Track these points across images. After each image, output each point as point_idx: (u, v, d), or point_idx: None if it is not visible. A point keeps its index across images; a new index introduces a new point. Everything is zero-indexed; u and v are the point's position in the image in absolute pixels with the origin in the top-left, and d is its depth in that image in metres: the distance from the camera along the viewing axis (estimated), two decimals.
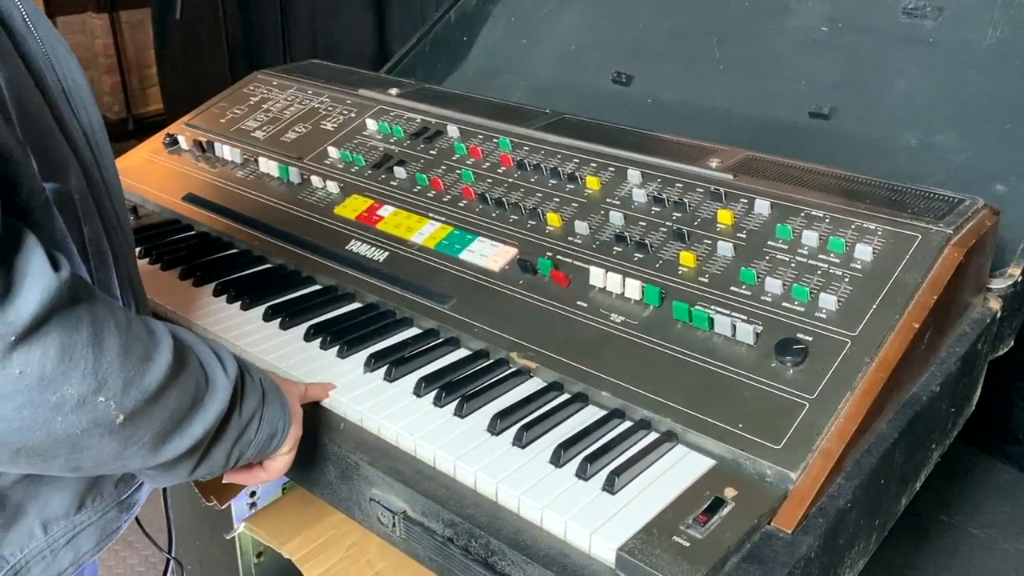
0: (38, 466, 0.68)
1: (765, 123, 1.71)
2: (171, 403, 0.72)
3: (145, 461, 0.73)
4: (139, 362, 0.68)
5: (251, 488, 1.55)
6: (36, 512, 0.80)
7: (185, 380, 0.74)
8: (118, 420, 0.67)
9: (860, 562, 1.02)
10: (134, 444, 0.70)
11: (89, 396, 0.64)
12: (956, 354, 1.14)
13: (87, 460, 0.69)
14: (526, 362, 1.09)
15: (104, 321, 0.66)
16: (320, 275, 1.33)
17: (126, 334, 0.68)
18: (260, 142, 1.64)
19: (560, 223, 1.27)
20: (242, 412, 0.82)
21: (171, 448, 0.74)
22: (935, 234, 1.08)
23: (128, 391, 0.67)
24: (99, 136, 0.84)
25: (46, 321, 0.61)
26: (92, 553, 0.86)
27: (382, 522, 0.97)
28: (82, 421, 0.65)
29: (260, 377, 0.87)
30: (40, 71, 0.76)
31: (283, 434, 0.89)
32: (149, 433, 0.71)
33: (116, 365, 0.66)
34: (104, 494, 0.86)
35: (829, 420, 0.92)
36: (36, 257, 0.61)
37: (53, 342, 0.61)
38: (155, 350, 0.71)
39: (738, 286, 1.09)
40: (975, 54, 1.56)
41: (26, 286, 0.60)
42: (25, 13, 0.75)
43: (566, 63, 2.02)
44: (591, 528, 0.84)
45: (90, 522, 0.85)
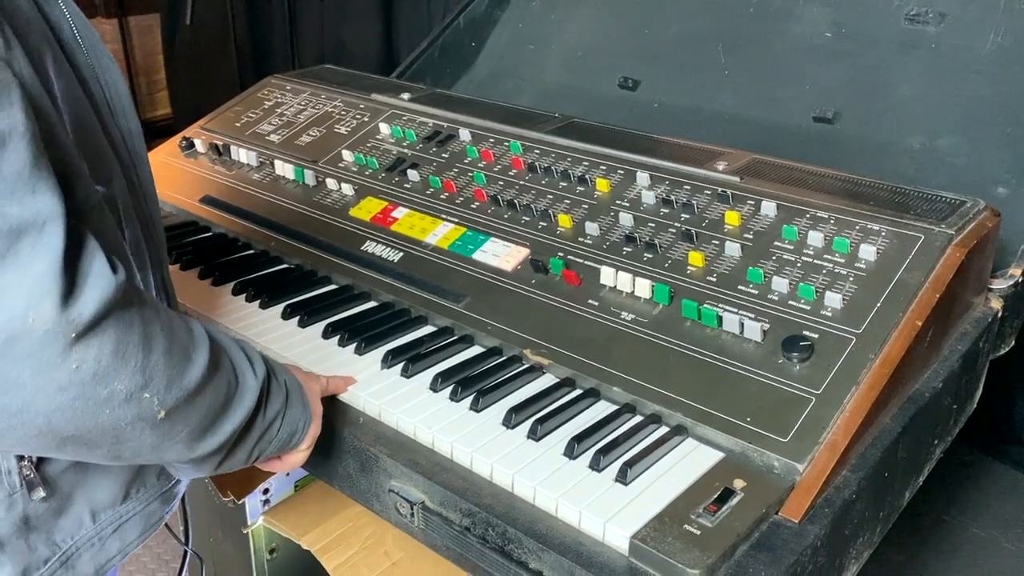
0: (82, 453, 0.71)
1: (770, 127, 1.74)
2: (206, 401, 0.75)
3: (179, 455, 0.77)
4: (181, 361, 0.72)
5: (264, 485, 1.57)
6: (85, 501, 0.83)
7: (218, 380, 0.77)
8: (159, 415, 0.70)
9: (865, 553, 1.05)
10: (171, 439, 0.74)
11: (136, 392, 0.68)
12: (958, 352, 1.17)
13: (127, 450, 0.72)
14: (539, 359, 1.12)
15: (152, 322, 0.69)
16: (336, 275, 1.36)
17: (170, 335, 0.71)
18: (275, 145, 1.68)
19: (571, 224, 1.30)
20: (266, 413, 0.85)
21: (204, 444, 0.78)
22: (937, 235, 1.11)
23: (171, 388, 0.71)
24: (137, 142, 0.88)
25: (104, 320, 0.64)
26: (137, 542, 0.89)
27: (400, 513, 1.00)
28: (128, 415, 0.68)
29: (285, 378, 0.90)
30: (86, 80, 0.79)
31: (302, 433, 0.92)
32: (186, 429, 0.75)
33: (162, 364, 0.69)
34: (147, 486, 0.89)
35: (835, 414, 0.95)
36: (97, 259, 0.65)
37: (109, 340, 0.65)
38: (194, 350, 0.74)
39: (745, 285, 1.12)
40: (977, 59, 1.59)
41: (88, 286, 0.63)
42: (74, 25, 0.78)
43: (573, 68, 2.05)
44: (605, 517, 0.87)
45: (135, 512, 0.88)
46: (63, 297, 0.61)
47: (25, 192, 0.61)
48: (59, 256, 0.62)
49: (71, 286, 0.62)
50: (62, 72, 0.73)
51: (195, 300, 1.32)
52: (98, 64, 0.81)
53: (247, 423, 0.83)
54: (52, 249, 0.61)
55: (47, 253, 0.61)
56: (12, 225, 0.60)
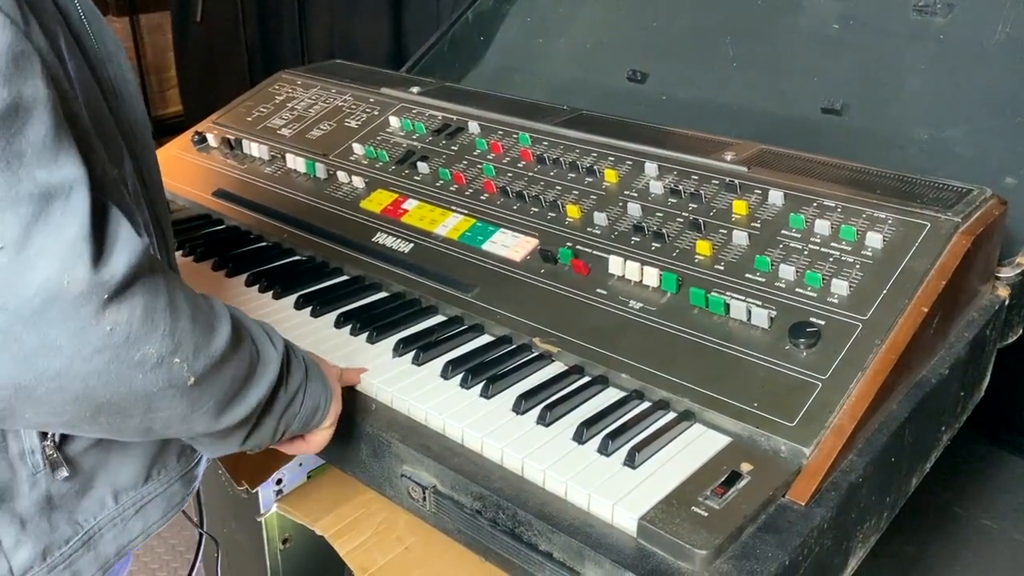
0: (115, 424, 0.72)
1: (778, 119, 1.75)
2: (231, 371, 0.77)
3: (208, 426, 0.78)
4: (206, 330, 0.74)
5: (277, 475, 1.59)
6: (107, 481, 0.85)
7: (242, 351, 0.79)
8: (189, 382, 0.72)
9: (872, 537, 1.06)
10: (200, 408, 0.75)
11: (167, 356, 0.69)
12: (965, 339, 1.18)
13: (158, 421, 0.73)
14: (548, 347, 1.14)
15: (176, 290, 0.71)
16: (347, 266, 1.38)
17: (193, 304, 0.73)
18: (287, 139, 1.70)
19: (579, 214, 1.31)
20: (288, 386, 0.87)
21: (231, 415, 0.79)
22: (944, 222, 1.12)
23: (199, 355, 0.72)
24: (143, 131, 0.89)
25: (133, 283, 0.66)
26: (159, 524, 0.91)
27: (412, 497, 1.01)
28: (159, 380, 0.70)
29: (303, 354, 0.92)
30: (94, 66, 0.80)
31: (325, 408, 0.94)
32: (213, 399, 0.76)
33: (188, 330, 0.71)
34: (168, 467, 0.91)
35: (841, 399, 0.96)
36: (124, 225, 0.67)
37: (139, 303, 0.67)
38: (217, 321, 0.76)
39: (753, 273, 1.13)
40: (985, 50, 1.59)
41: (117, 250, 0.65)
42: (81, 11, 0.79)
43: (582, 62, 2.06)
44: (614, 499, 0.88)
45: (156, 493, 0.90)
46: (94, 259, 0.63)
47: (51, 158, 0.62)
48: (87, 220, 0.63)
49: (100, 249, 0.64)
50: (72, 54, 0.74)
51: (209, 290, 1.30)
52: (105, 51, 0.82)
53: (271, 395, 0.84)
54: (81, 213, 0.63)
55: (76, 217, 0.63)
56: (42, 190, 0.61)
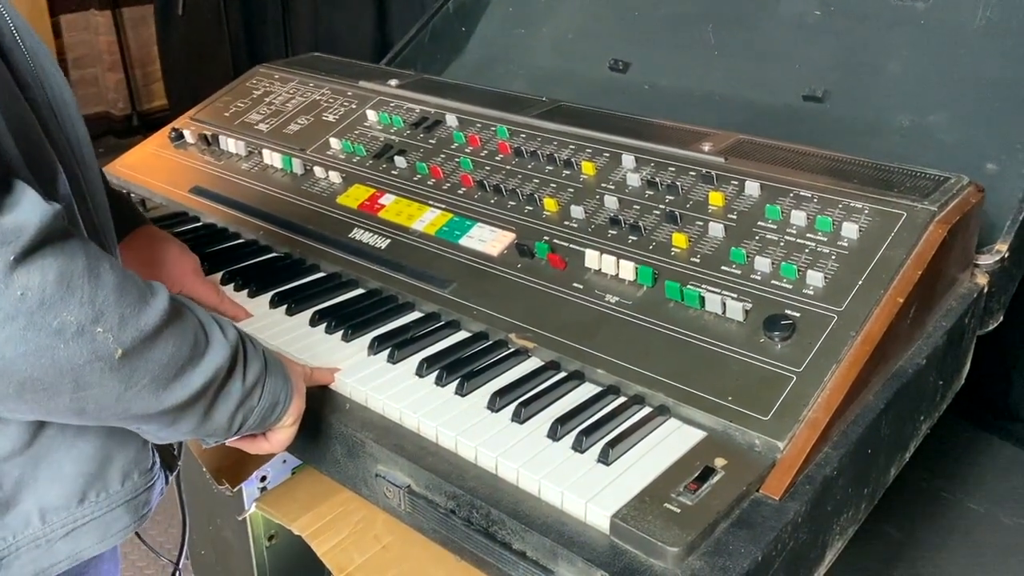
0: (43, 403, 0.69)
1: (761, 107, 1.74)
2: (169, 348, 0.75)
3: (147, 406, 0.75)
4: (135, 302, 0.71)
5: (261, 472, 1.59)
6: (34, 499, 0.81)
7: (183, 330, 0.76)
8: (117, 354, 0.70)
9: (850, 529, 1.06)
10: (135, 385, 0.73)
11: (87, 325, 0.67)
12: (943, 328, 1.17)
13: (90, 400, 0.71)
14: (524, 342, 1.13)
15: (100, 260, 0.69)
16: (324, 263, 1.37)
17: (122, 276, 0.71)
18: (264, 134, 1.68)
19: (557, 208, 1.30)
20: (246, 378, 0.85)
21: (171, 396, 0.76)
22: (920, 211, 1.11)
23: (124, 326, 0.70)
24: (84, 149, 0.87)
25: (43, 245, 0.65)
26: (92, 550, 0.86)
27: (388, 497, 1.01)
28: (83, 351, 0.68)
29: (263, 349, 0.90)
30: (27, 85, 0.78)
31: (285, 404, 0.92)
32: (148, 376, 0.73)
33: (112, 299, 0.69)
34: (110, 491, 0.86)
35: (816, 392, 0.96)
36: (29, 192, 0.65)
37: (51, 266, 0.65)
38: (151, 296, 0.74)
39: (728, 265, 1.12)
40: (966, 35, 1.58)
41: (22, 207, 0.64)
42: (14, 27, 0.77)
43: (564, 51, 2.04)
44: (587, 497, 0.88)
45: (92, 517, 0.85)
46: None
47: None
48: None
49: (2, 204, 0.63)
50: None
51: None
52: (41, 70, 0.80)
53: (222, 382, 0.82)
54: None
55: None
56: None
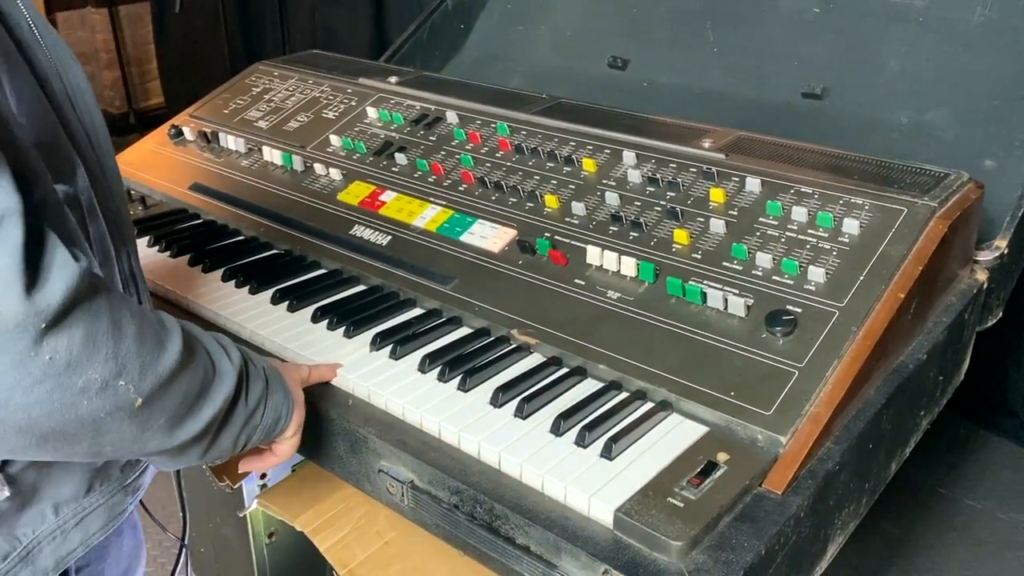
0: (63, 451, 0.71)
1: (760, 104, 1.74)
2: (183, 387, 0.76)
3: (161, 444, 0.77)
4: (153, 348, 0.72)
5: None
6: (49, 495, 0.83)
7: (194, 366, 0.78)
8: (137, 403, 0.71)
9: (851, 523, 1.06)
10: (151, 428, 0.74)
11: (111, 380, 0.68)
12: (943, 324, 1.18)
13: (107, 444, 0.73)
14: (526, 338, 1.13)
15: (121, 309, 0.70)
16: (325, 260, 1.37)
17: (141, 322, 0.72)
18: (263, 131, 1.68)
19: (558, 204, 1.30)
20: (248, 399, 0.86)
21: (184, 431, 0.78)
22: (920, 208, 1.12)
23: (145, 375, 0.71)
24: (101, 137, 0.87)
25: (72, 309, 0.65)
26: (100, 534, 0.89)
27: (391, 492, 1.01)
28: (105, 404, 0.69)
29: (263, 365, 0.91)
30: (46, 78, 0.79)
31: (287, 419, 0.93)
32: (164, 416, 0.75)
33: (134, 350, 0.70)
34: (111, 478, 0.89)
35: (818, 387, 0.96)
36: (59, 251, 0.66)
37: (78, 329, 0.66)
38: (167, 338, 0.75)
39: (730, 261, 1.12)
40: (964, 32, 1.59)
41: (52, 277, 0.64)
42: (32, 22, 0.78)
43: (563, 49, 2.05)
44: (590, 492, 0.88)
45: (98, 504, 0.88)
46: (27, 288, 0.62)
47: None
48: (19, 249, 0.62)
49: (34, 277, 0.63)
50: (17, 70, 0.73)
51: (185, 287, 1.32)
52: (59, 61, 0.81)
53: (228, 409, 0.83)
54: (12, 242, 0.62)
55: (7, 245, 0.62)
56: None
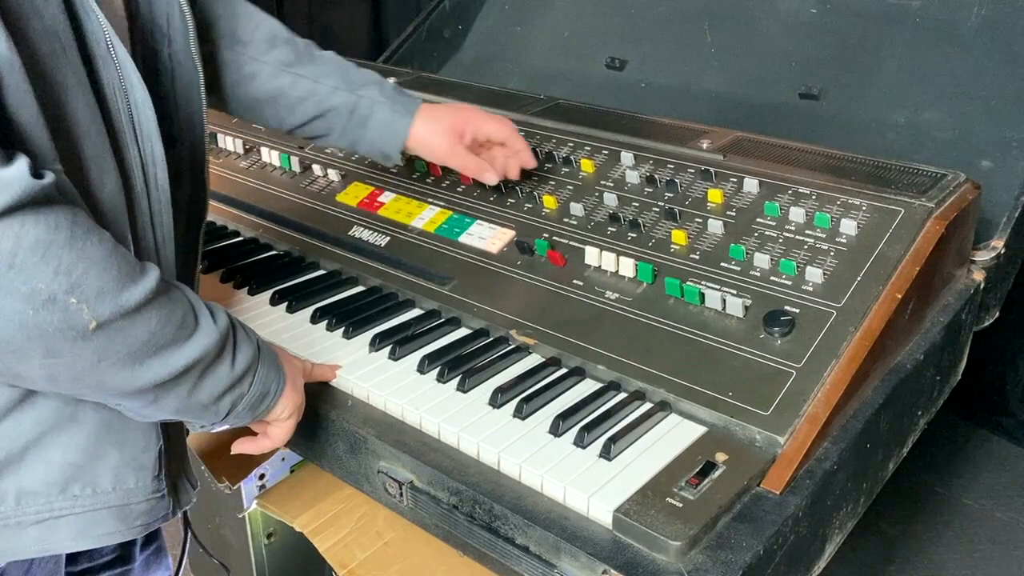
0: (14, 367, 0.70)
1: (757, 105, 1.75)
2: (151, 326, 0.75)
3: (124, 381, 0.75)
4: (119, 278, 0.72)
5: (260, 470, 1.59)
6: (13, 479, 0.80)
7: (169, 310, 0.77)
8: (91, 326, 0.70)
9: (849, 523, 1.06)
10: (109, 357, 0.73)
11: (60, 295, 0.68)
12: (940, 323, 1.18)
13: (62, 368, 0.72)
14: (525, 339, 1.13)
15: (89, 234, 0.70)
16: (324, 260, 1.37)
17: (110, 252, 0.72)
18: (261, 132, 1.68)
19: (556, 205, 1.30)
20: (235, 363, 0.85)
21: (149, 372, 0.76)
22: (917, 208, 1.12)
23: (102, 299, 0.71)
24: (159, 170, 0.86)
25: (20, 209, 0.65)
26: (65, 546, 0.84)
27: (390, 493, 1.01)
28: (53, 319, 0.68)
29: (258, 339, 0.90)
30: (108, 95, 0.80)
31: (275, 396, 0.92)
32: (125, 349, 0.73)
33: (93, 273, 0.70)
34: (97, 489, 0.84)
35: (815, 387, 0.96)
36: (23, 163, 0.67)
37: (28, 232, 0.66)
38: (140, 275, 0.75)
39: (728, 262, 1.13)
40: (961, 33, 1.59)
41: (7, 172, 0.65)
42: (110, 43, 0.79)
43: (560, 49, 2.05)
44: (589, 492, 0.88)
45: (70, 512, 0.83)
46: None
47: None
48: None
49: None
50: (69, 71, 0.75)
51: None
52: (128, 82, 0.81)
53: (209, 365, 0.82)
54: None
55: None
56: None
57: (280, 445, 1.00)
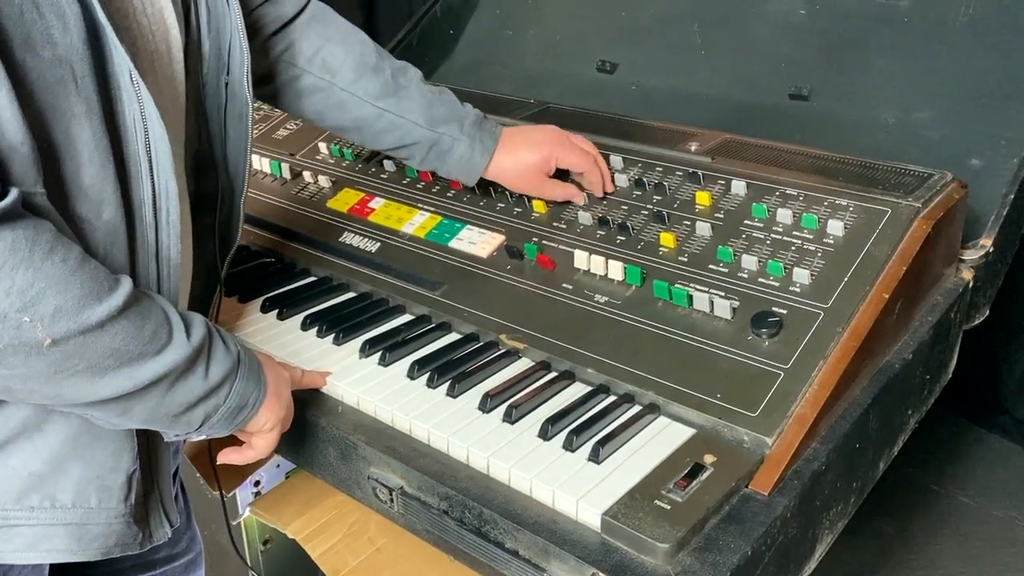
0: None
1: (747, 106, 1.75)
2: (115, 342, 0.75)
3: (83, 392, 0.75)
4: (81, 296, 0.72)
5: (255, 477, 1.59)
6: None
7: (139, 325, 0.77)
8: (45, 343, 0.70)
9: (840, 523, 1.07)
10: (66, 371, 0.73)
11: (11, 313, 0.68)
12: (928, 323, 1.18)
13: (16, 380, 0.72)
14: (515, 343, 1.14)
15: (52, 253, 0.70)
16: (315, 267, 1.38)
17: (75, 270, 0.72)
18: (252, 139, 1.68)
19: (545, 209, 1.31)
20: (209, 375, 0.84)
21: (110, 384, 0.76)
22: (904, 208, 1.13)
23: (59, 318, 0.71)
24: (171, 204, 0.85)
25: None
26: (15, 557, 0.82)
27: (380, 499, 1.01)
28: (4, 335, 0.69)
29: (239, 352, 0.89)
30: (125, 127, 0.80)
31: (254, 407, 0.91)
32: (84, 364, 0.73)
33: (51, 292, 0.70)
34: (56, 504, 0.83)
35: (803, 388, 0.97)
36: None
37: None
38: (108, 293, 0.74)
39: (716, 264, 1.13)
40: (949, 33, 1.60)
41: None
42: (133, 77, 0.79)
43: (552, 53, 2.05)
44: (577, 495, 0.88)
45: (25, 523, 0.82)
46: None
47: None
48: None
49: None
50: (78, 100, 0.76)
51: None
52: (148, 118, 0.81)
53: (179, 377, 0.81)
54: None
55: None
56: None
57: (264, 455, 1.00)
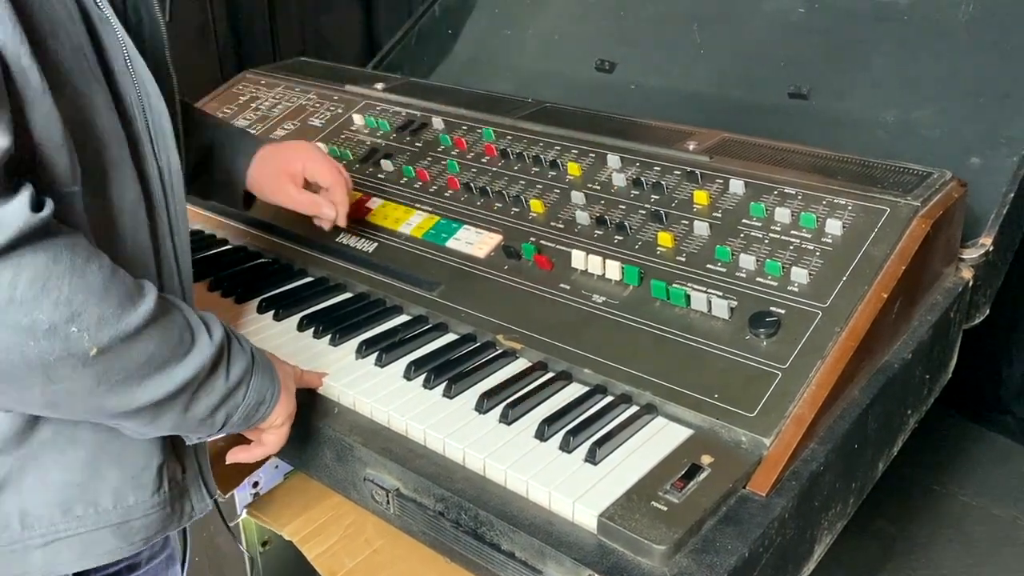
0: (13, 395, 0.71)
1: (746, 105, 1.74)
2: (150, 348, 0.76)
3: (122, 403, 0.76)
4: (119, 304, 0.73)
5: (254, 478, 1.59)
6: (16, 500, 0.80)
7: (167, 330, 0.78)
8: (91, 352, 0.71)
9: (839, 523, 1.06)
10: (108, 381, 0.74)
11: (61, 324, 0.69)
12: (928, 322, 1.18)
13: (62, 394, 0.72)
14: (512, 344, 1.13)
15: (89, 261, 0.71)
16: (312, 267, 1.37)
17: (110, 277, 0.73)
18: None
19: (543, 209, 1.30)
20: (230, 375, 0.85)
21: (147, 392, 0.77)
22: (903, 207, 1.12)
23: (103, 326, 0.71)
24: (175, 179, 0.88)
25: (19, 246, 0.66)
26: (69, 567, 0.84)
27: (376, 500, 1.01)
28: (55, 347, 0.69)
29: (252, 348, 0.90)
30: (129, 108, 0.82)
31: (271, 403, 0.92)
32: (123, 372, 0.74)
33: (93, 300, 0.71)
34: (99, 508, 0.84)
35: (801, 388, 0.96)
36: (24, 196, 0.67)
37: (26, 266, 0.67)
38: (140, 298, 0.75)
39: (714, 263, 1.13)
40: (948, 31, 1.59)
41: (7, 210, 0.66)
42: (128, 57, 0.81)
43: (550, 52, 2.05)
44: (574, 497, 0.88)
45: (73, 533, 0.83)
46: None
47: None
48: None
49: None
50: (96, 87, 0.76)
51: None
52: (146, 98, 0.83)
53: (206, 381, 0.82)
54: None
55: None
56: None
57: (275, 451, 1.00)
